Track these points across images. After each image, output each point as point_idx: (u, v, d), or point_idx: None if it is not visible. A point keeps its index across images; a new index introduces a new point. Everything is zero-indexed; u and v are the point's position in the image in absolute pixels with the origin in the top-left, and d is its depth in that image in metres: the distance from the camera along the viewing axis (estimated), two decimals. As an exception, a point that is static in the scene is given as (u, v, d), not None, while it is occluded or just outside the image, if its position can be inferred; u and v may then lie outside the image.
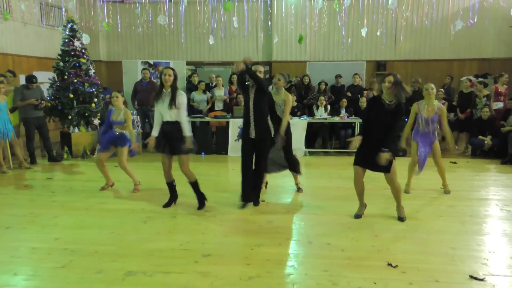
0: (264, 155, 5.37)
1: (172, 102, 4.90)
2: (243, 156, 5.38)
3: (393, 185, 4.79)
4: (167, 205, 5.46)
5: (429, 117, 5.72)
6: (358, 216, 4.99)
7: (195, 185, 5.36)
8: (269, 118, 5.40)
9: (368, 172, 4.85)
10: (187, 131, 4.99)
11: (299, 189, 6.23)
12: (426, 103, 5.78)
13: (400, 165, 5.05)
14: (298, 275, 3.54)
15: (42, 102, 8.07)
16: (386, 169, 4.64)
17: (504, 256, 3.93)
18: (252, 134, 5.22)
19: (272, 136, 5.39)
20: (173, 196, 5.51)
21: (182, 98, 4.99)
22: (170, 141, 5.04)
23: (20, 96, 7.87)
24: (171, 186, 5.46)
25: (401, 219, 4.90)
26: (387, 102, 4.58)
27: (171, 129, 5.01)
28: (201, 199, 5.40)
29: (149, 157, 7.98)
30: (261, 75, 5.22)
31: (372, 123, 4.64)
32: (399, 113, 4.52)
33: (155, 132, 5.14)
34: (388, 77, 4.58)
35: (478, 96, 9.25)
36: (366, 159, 4.67)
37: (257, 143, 5.27)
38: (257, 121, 5.19)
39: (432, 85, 5.74)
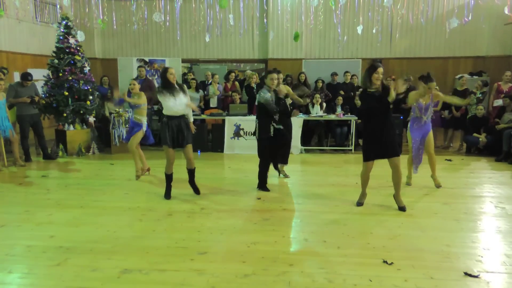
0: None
1: (185, 92, 5.49)
2: (266, 153, 6.02)
3: (398, 169, 5.01)
4: (168, 195, 5.67)
5: (426, 103, 5.90)
6: (360, 203, 5.33)
7: (193, 172, 5.74)
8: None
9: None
10: (191, 117, 5.68)
11: (285, 175, 6.83)
12: (423, 94, 5.90)
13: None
14: (294, 272, 3.55)
15: (35, 96, 8.01)
16: (397, 152, 4.96)
17: (498, 253, 3.95)
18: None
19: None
20: (170, 186, 5.74)
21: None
22: (182, 134, 5.45)
23: (13, 93, 7.82)
24: (171, 177, 5.69)
25: (402, 208, 5.10)
26: (373, 90, 4.87)
27: (180, 122, 5.44)
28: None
29: (145, 155, 7.93)
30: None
31: (372, 115, 4.90)
32: (386, 91, 4.81)
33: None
34: (379, 69, 4.83)
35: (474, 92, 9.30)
36: (378, 150, 4.95)
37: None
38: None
39: (434, 84, 5.91)
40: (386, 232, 4.47)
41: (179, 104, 5.39)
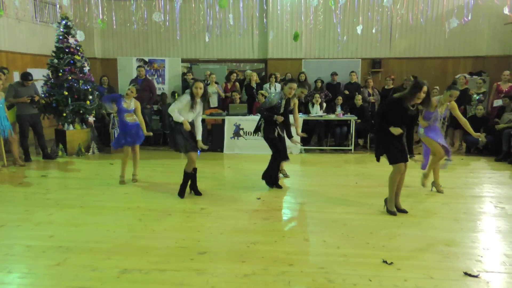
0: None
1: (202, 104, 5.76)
2: (282, 149, 6.14)
3: (404, 173, 5.03)
4: (183, 194, 5.71)
5: (442, 113, 5.84)
6: (393, 213, 5.05)
7: (195, 172, 5.77)
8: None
9: (362, 171, 4.88)
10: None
11: (285, 175, 6.85)
12: (443, 102, 5.79)
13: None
14: (294, 272, 3.55)
15: (35, 96, 8.00)
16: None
17: (498, 253, 3.95)
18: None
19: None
20: (187, 184, 5.78)
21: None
22: (193, 137, 5.65)
23: (13, 93, 7.82)
24: (190, 175, 5.76)
25: (402, 211, 5.07)
26: (411, 108, 4.84)
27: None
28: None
29: (145, 155, 7.94)
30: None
31: (396, 124, 4.87)
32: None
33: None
34: (424, 87, 4.70)
35: (472, 92, 9.29)
36: (405, 155, 4.98)
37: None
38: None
39: (458, 93, 5.77)
40: (386, 232, 4.47)
41: (192, 116, 5.61)
